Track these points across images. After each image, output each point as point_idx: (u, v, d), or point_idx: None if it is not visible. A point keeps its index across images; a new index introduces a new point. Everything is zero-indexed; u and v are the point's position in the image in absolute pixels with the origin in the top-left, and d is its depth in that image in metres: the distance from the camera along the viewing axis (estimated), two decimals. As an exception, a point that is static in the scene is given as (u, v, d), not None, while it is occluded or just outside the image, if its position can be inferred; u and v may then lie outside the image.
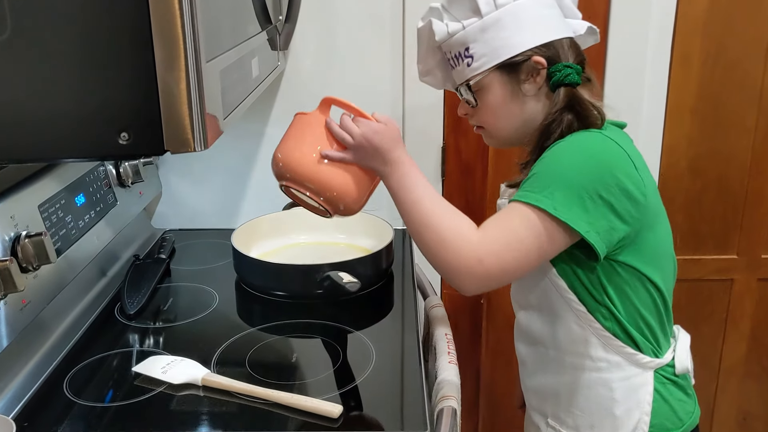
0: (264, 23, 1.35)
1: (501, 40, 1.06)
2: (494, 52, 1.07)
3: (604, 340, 1.10)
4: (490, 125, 1.14)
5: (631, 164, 1.02)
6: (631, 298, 1.08)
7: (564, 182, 0.99)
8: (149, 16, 0.81)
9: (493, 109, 1.11)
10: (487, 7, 1.06)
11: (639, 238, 1.05)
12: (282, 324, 1.31)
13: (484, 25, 1.06)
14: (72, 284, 1.30)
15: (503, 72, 1.08)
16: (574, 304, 1.09)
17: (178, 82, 0.84)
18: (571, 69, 1.06)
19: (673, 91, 1.72)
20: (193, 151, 0.88)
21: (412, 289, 1.51)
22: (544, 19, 1.07)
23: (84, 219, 1.33)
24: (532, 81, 1.07)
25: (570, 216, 0.98)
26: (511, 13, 1.06)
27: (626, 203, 1.00)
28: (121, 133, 0.86)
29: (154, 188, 1.71)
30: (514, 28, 1.06)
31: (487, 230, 1.01)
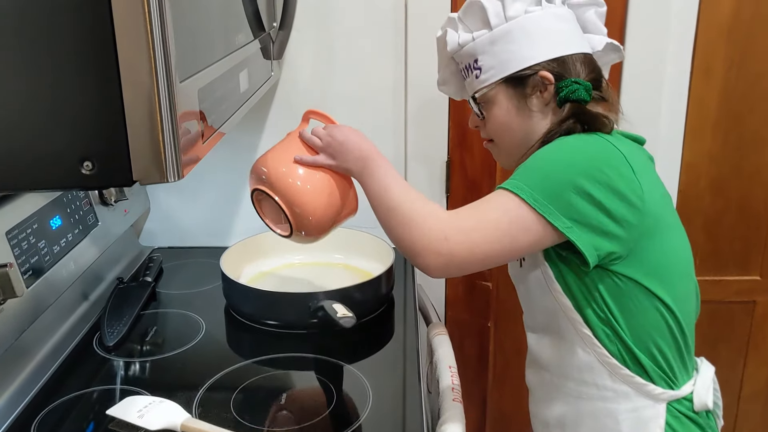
0: (257, 31, 1.26)
1: (509, 53, 1.05)
2: (502, 65, 1.06)
3: (610, 368, 1.04)
4: (497, 138, 1.12)
5: (626, 165, 0.97)
6: (638, 318, 1.02)
7: (548, 174, 0.96)
8: (113, 32, 0.72)
9: (499, 122, 1.10)
10: (497, 20, 1.06)
11: (638, 247, 0.99)
12: (272, 358, 1.21)
13: (493, 38, 1.06)
14: (50, 310, 1.21)
15: (510, 86, 1.06)
16: (579, 326, 1.04)
17: (147, 104, 0.75)
18: (579, 85, 1.02)
19: (694, 104, 1.62)
20: (166, 182, 0.79)
21: (414, 315, 1.41)
22: (555, 33, 1.06)
23: (60, 243, 1.24)
24: (539, 96, 1.05)
25: (548, 209, 0.94)
26: (521, 26, 1.05)
27: (619, 205, 0.95)
28: (83, 162, 0.77)
29: (140, 205, 1.62)
30: (522, 41, 1.05)
31: (459, 210, 0.99)
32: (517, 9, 1.05)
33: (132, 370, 1.18)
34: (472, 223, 0.97)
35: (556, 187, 0.95)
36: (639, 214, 0.97)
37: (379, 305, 1.40)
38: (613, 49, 1.12)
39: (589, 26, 1.11)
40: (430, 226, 0.97)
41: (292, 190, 1.13)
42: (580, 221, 0.95)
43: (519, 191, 0.96)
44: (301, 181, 1.13)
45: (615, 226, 0.95)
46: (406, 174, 1.64)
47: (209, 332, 1.30)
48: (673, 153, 1.65)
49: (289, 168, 1.14)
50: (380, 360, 1.25)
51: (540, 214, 0.94)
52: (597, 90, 1.06)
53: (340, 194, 1.15)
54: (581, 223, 0.95)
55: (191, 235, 1.71)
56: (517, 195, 0.96)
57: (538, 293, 1.08)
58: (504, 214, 0.96)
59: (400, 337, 1.32)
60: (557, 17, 1.06)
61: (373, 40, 1.56)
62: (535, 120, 1.06)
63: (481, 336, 1.80)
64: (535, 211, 0.94)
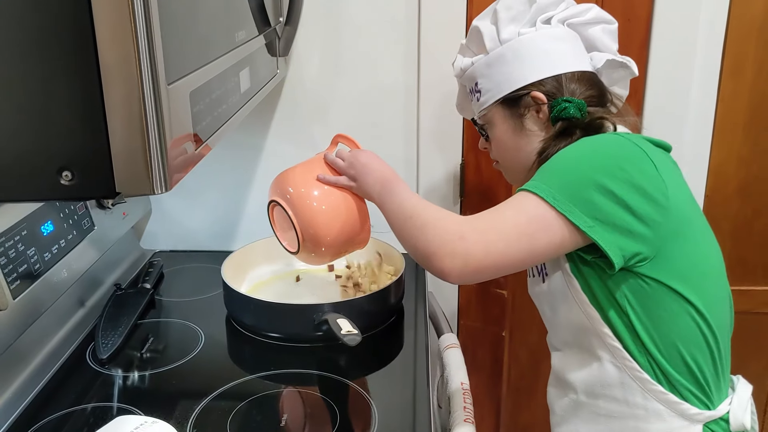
0: (261, 26, 1.19)
1: (502, 75, 1.08)
2: (497, 87, 1.09)
3: (641, 384, 0.99)
4: (500, 159, 1.15)
5: (648, 162, 0.94)
6: (668, 324, 0.97)
7: (567, 172, 0.95)
8: (93, 29, 0.65)
9: (499, 143, 1.12)
10: (492, 43, 1.10)
11: (665, 247, 0.95)
12: (273, 374, 1.15)
13: (488, 61, 1.10)
14: (43, 317, 1.16)
15: (506, 107, 1.09)
16: (608, 339, 0.99)
17: (130, 109, 0.68)
18: (569, 103, 1.03)
19: (723, 104, 1.54)
20: (152, 194, 0.73)
21: (425, 326, 1.34)
22: (547, 53, 1.07)
23: (51, 250, 1.18)
24: (535, 116, 1.07)
25: (569, 208, 0.91)
26: (513, 48, 1.08)
27: (642, 202, 0.92)
28: (62, 171, 0.71)
29: (140, 208, 1.56)
30: (515, 63, 1.08)
31: (477, 214, 0.97)
32: (510, 32, 1.09)
33: (125, 385, 1.12)
34: (489, 222, 0.94)
35: (577, 185, 0.92)
36: (664, 212, 0.93)
37: (389, 316, 1.33)
38: (620, 65, 1.12)
39: (596, 44, 1.12)
40: (445, 226, 0.95)
41: (309, 210, 1.15)
42: (603, 220, 0.91)
43: (538, 190, 0.93)
44: (317, 202, 1.15)
45: (640, 224, 0.92)
46: (419, 177, 1.56)
47: (208, 344, 1.24)
48: (700, 155, 1.56)
49: (309, 188, 1.16)
50: (388, 375, 1.18)
51: (560, 213, 0.91)
52: (600, 106, 1.06)
53: (354, 224, 1.17)
54: (604, 222, 0.91)
55: (194, 238, 1.65)
56: (536, 194, 0.93)
57: (563, 308, 1.03)
58: (522, 212, 0.93)
59: (410, 350, 1.25)
60: (552, 38, 1.08)
61: (384, 37, 1.48)
62: (532, 139, 1.07)
63: (494, 345, 1.73)
64: (556, 210, 0.91)
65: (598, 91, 1.08)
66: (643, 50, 1.47)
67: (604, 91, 1.10)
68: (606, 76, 1.13)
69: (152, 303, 1.39)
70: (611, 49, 1.13)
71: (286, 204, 1.16)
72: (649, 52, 1.48)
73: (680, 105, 1.51)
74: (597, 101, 1.07)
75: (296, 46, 1.49)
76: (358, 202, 1.17)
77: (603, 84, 1.10)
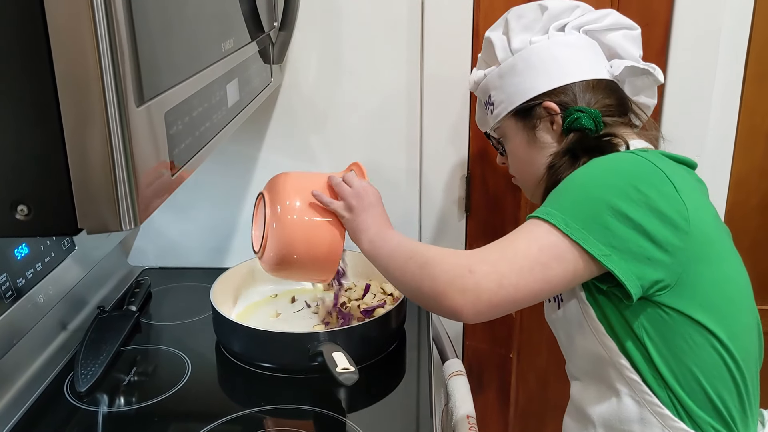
0: (254, 32, 1.10)
1: (514, 86, 1.05)
2: (509, 98, 1.06)
3: (662, 420, 0.92)
4: (517, 174, 1.12)
5: (667, 182, 0.88)
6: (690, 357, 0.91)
7: (579, 196, 0.89)
8: (48, 43, 0.57)
9: (514, 157, 1.09)
10: (503, 54, 1.07)
11: (687, 274, 0.88)
12: (263, 411, 1.06)
13: (501, 72, 1.07)
14: (20, 345, 1.08)
15: (519, 119, 1.06)
16: (626, 372, 0.93)
17: (93, 136, 0.60)
18: (582, 113, 0.98)
19: (746, 113, 1.45)
20: (119, 230, 0.65)
21: (428, 352, 1.26)
22: (559, 61, 1.03)
23: (26, 275, 1.09)
24: (549, 128, 1.02)
25: (582, 235, 0.85)
26: (524, 58, 1.05)
27: (661, 227, 0.86)
28: (17, 205, 0.63)
29: (127, 223, 1.47)
30: (526, 73, 1.04)
31: (485, 246, 0.91)
32: (521, 41, 1.06)
33: (102, 423, 1.04)
34: (498, 253, 0.88)
35: (590, 210, 0.86)
36: (685, 236, 0.87)
37: (390, 342, 1.24)
38: (642, 72, 1.06)
39: (617, 50, 1.07)
40: (452, 261, 0.89)
41: (286, 219, 1.10)
42: (619, 247, 0.85)
43: (549, 217, 0.87)
44: (298, 215, 1.10)
45: (658, 250, 0.86)
46: (421, 190, 1.47)
47: (195, 376, 1.15)
48: (721, 167, 1.48)
49: (298, 197, 1.11)
50: (389, 407, 1.10)
51: (574, 241, 0.85)
52: (619, 116, 1.01)
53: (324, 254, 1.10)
54: (620, 250, 0.85)
55: (185, 254, 1.56)
56: (546, 221, 0.87)
57: (579, 337, 0.97)
58: (533, 241, 0.87)
59: (412, 380, 1.16)
60: (565, 45, 1.04)
61: (385, 41, 1.40)
62: (545, 152, 1.03)
63: (501, 368, 1.64)
64: (568, 237, 0.86)
65: (616, 100, 1.03)
66: (661, 57, 1.39)
67: (624, 100, 1.04)
68: (629, 85, 1.08)
69: (138, 327, 1.30)
70: (633, 55, 1.08)
71: (269, 202, 1.12)
72: (668, 58, 1.39)
73: (701, 114, 1.42)
74: (615, 111, 1.01)
75: (292, 52, 1.40)
76: (337, 234, 1.10)
77: (623, 92, 1.05)
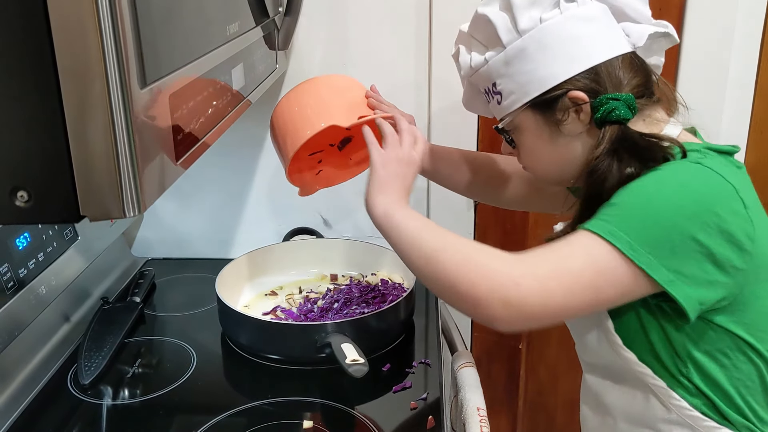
0: (259, 17, 1.08)
1: (527, 74, 0.89)
2: (521, 88, 0.90)
3: (692, 420, 0.88)
4: (530, 167, 0.98)
5: (737, 200, 0.82)
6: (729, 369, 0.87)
7: (650, 218, 0.80)
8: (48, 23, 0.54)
9: (531, 151, 0.94)
10: (509, 36, 0.89)
11: (742, 295, 0.84)
12: (270, 404, 1.04)
13: (507, 58, 0.90)
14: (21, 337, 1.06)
15: (536, 111, 0.90)
16: (649, 379, 0.88)
17: (95, 119, 0.58)
18: (617, 101, 0.85)
19: (761, 99, 1.41)
20: (123, 217, 0.62)
21: (437, 343, 1.23)
22: (580, 41, 0.87)
23: (28, 266, 1.07)
24: (575, 119, 0.88)
25: (648, 261, 0.78)
26: (536, 40, 0.87)
27: (728, 249, 0.80)
28: (17, 192, 0.61)
29: (130, 213, 1.45)
30: (540, 58, 0.88)
31: (533, 251, 0.82)
32: (530, 19, 0.88)
33: (106, 416, 1.02)
34: (549, 269, 0.80)
35: (659, 234, 0.79)
36: (748, 257, 0.82)
37: (398, 334, 1.22)
38: (662, 36, 0.93)
39: (626, 11, 0.92)
40: (497, 267, 0.80)
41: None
42: (684, 273, 0.79)
43: (612, 238, 0.79)
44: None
45: (721, 273, 0.81)
46: (428, 185, 1.45)
47: (200, 368, 1.13)
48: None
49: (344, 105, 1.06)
50: (398, 400, 1.07)
51: (637, 266, 0.78)
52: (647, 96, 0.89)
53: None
54: (685, 275, 0.79)
55: (190, 244, 1.54)
56: (608, 241, 0.79)
57: (594, 344, 0.92)
58: (590, 263, 0.79)
59: (421, 372, 1.14)
60: (583, 20, 0.88)
61: (392, 28, 1.37)
62: (574, 145, 0.90)
63: (511, 359, 1.62)
64: (631, 262, 0.78)
65: (643, 76, 0.90)
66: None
67: (649, 73, 0.91)
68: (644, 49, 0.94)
69: (142, 318, 1.28)
70: (645, 15, 0.93)
71: None
72: (682, 44, 1.36)
73: (715, 101, 1.39)
74: (643, 90, 0.89)
75: (297, 38, 1.37)
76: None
77: (646, 65, 0.91)
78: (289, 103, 1.08)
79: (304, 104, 1.07)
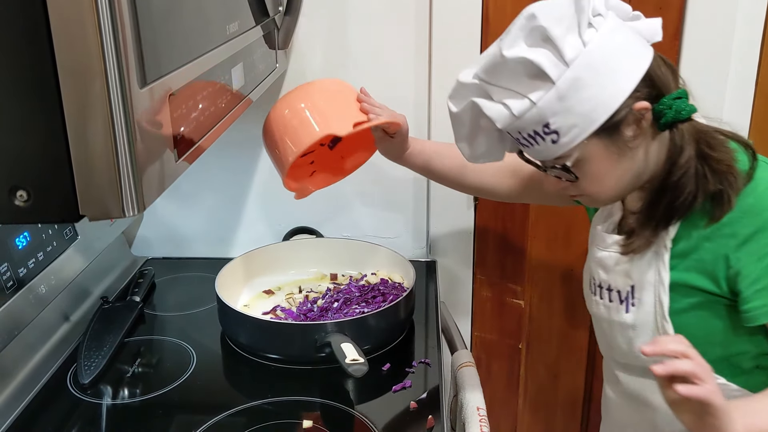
0: (259, 17, 1.08)
1: (588, 102, 0.83)
2: (586, 118, 0.84)
3: None
4: (594, 193, 0.92)
5: None
6: None
7: None
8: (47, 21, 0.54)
9: (596, 177, 0.89)
10: (557, 70, 0.82)
11: None
12: (269, 403, 1.04)
13: (560, 93, 0.82)
14: (21, 336, 1.06)
15: (603, 135, 0.85)
16: None
17: (95, 118, 0.57)
18: (680, 100, 0.85)
19: (761, 99, 1.41)
20: (122, 217, 0.62)
21: (437, 343, 1.23)
22: (626, 50, 0.84)
23: (27, 265, 1.07)
24: (639, 130, 0.86)
25: None
26: (587, 64, 0.82)
27: None
28: (16, 191, 0.61)
29: (130, 212, 1.45)
30: (599, 81, 0.83)
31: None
32: (573, 47, 0.82)
33: (106, 416, 1.02)
34: None
35: None
36: None
37: (398, 334, 1.22)
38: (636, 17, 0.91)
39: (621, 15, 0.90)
40: None
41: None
42: None
43: None
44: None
45: None
46: (429, 181, 1.45)
47: (200, 368, 1.13)
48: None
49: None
50: (398, 399, 1.07)
51: None
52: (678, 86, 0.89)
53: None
54: None
55: (190, 244, 1.54)
56: None
57: None
58: None
59: (421, 371, 1.14)
60: (616, 30, 0.85)
61: (392, 27, 1.37)
62: (639, 158, 0.88)
63: (510, 359, 1.62)
64: None
65: (672, 69, 0.89)
66: (675, 41, 1.35)
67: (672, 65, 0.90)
68: None
69: (141, 318, 1.28)
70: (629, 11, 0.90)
71: None
72: (682, 42, 1.35)
73: (715, 101, 1.39)
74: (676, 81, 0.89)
75: (297, 37, 1.37)
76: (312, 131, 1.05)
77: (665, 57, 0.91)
78: (282, 113, 1.08)
79: (298, 112, 1.06)
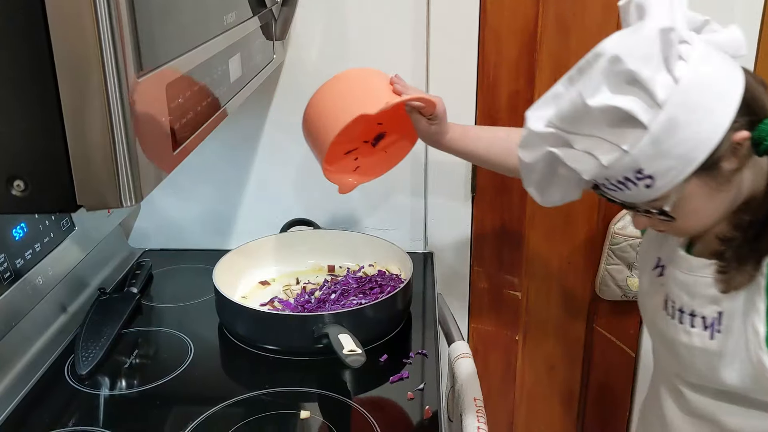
0: (256, 7, 1.07)
1: (686, 142, 0.76)
2: (683, 159, 0.78)
3: None
4: (690, 228, 0.88)
5: None
6: None
7: None
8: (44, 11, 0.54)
9: (694, 213, 0.85)
10: (649, 114, 0.75)
11: None
12: (267, 394, 1.04)
13: (654, 138, 0.76)
14: (18, 327, 1.06)
15: (701, 172, 0.79)
16: None
17: (92, 108, 0.57)
18: None
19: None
20: (119, 207, 0.62)
21: (434, 334, 1.24)
22: (718, 79, 0.77)
23: (25, 256, 1.07)
24: (736, 160, 0.80)
25: None
26: (682, 102, 0.75)
27: None
28: (13, 181, 0.61)
29: (127, 204, 1.45)
30: (695, 118, 0.76)
31: None
32: (665, 86, 0.75)
33: (103, 406, 1.02)
34: None
35: None
36: None
37: (396, 324, 1.22)
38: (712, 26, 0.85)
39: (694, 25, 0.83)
40: None
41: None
42: None
43: None
44: None
45: None
46: (427, 171, 1.45)
47: (197, 359, 1.13)
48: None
49: None
50: (395, 390, 1.08)
51: None
52: None
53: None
54: None
55: (187, 235, 1.54)
56: None
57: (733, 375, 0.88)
58: None
59: (418, 362, 1.14)
60: (706, 57, 0.77)
61: (390, 18, 1.36)
62: (735, 188, 0.83)
63: (507, 350, 1.62)
64: None
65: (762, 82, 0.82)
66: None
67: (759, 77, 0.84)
68: None
69: (139, 309, 1.28)
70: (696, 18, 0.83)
71: None
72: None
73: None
74: None
75: (295, 28, 1.37)
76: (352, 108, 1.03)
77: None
78: (318, 100, 1.08)
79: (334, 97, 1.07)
